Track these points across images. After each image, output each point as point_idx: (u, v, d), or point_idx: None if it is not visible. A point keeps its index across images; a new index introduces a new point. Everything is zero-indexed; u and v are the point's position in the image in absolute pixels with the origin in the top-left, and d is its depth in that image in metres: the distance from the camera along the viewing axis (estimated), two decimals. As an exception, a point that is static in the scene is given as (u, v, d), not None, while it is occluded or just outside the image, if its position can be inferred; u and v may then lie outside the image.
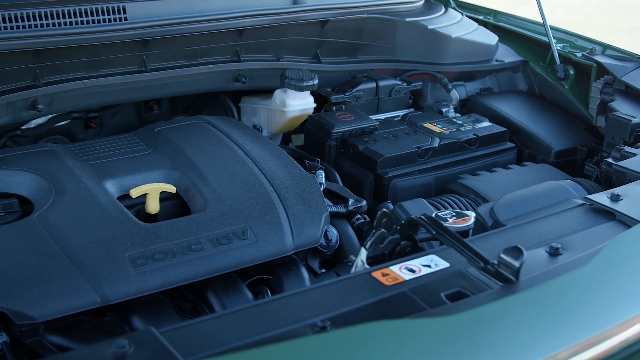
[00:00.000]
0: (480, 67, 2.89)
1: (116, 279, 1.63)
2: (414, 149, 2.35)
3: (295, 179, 2.00)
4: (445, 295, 1.41)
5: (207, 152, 2.07)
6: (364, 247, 1.56)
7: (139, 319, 1.68)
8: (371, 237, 1.55)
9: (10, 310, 1.53)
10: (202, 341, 1.27)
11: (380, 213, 1.55)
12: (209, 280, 1.75)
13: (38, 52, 2.18)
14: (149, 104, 2.74)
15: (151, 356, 1.20)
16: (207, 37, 2.44)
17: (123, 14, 2.28)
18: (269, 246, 1.80)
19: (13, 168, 1.93)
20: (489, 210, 1.84)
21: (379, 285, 1.44)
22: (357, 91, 2.63)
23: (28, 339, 1.61)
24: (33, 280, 1.59)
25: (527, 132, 2.61)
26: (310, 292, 1.44)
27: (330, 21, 2.64)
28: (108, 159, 2.03)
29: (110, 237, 1.71)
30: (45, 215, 1.77)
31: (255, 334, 1.29)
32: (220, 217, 1.83)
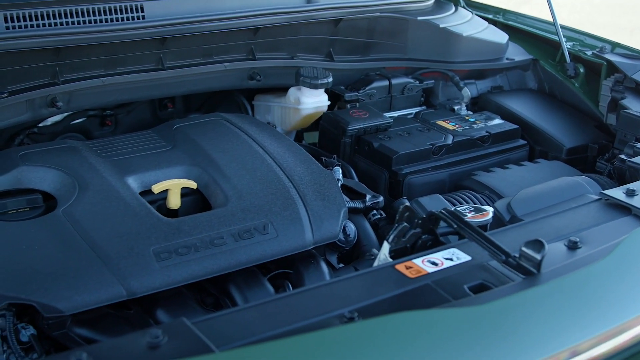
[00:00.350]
0: (491, 66, 2.92)
1: (141, 272, 1.66)
2: (428, 146, 2.38)
3: (313, 175, 2.03)
4: (468, 287, 1.43)
5: (226, 149, 2.10)
6: (386, 240, 1.59)
7: (164, 312, 1.71)
8: (393, 230, 1.58)
9: (39, 303, 1.56)
10: (232, 332, 1.30)
11: (402, 207, 1.58)
12: (231, 274, 1.78)
13: (58, 50, 2.21)
14: (163, 101, 2.76)
15: (185, 346, 1.23)
16: (223, 36, 2.46)
17: (141, 13, 2.31)
18: (289, 241, 1.83)
19: (36, 164, 1.96)
20: (506, 206, 1.87)
21: (403, 277, 1.47)
22: (370, 89, 2.66)
23: (55, 331, 1.64)
24: (60, 273, 1.61)
25: (539, 130, 2.63)
26: (336, 285, 1.47)
27: (344, 20, 2.67)
28: (128, 155, 2.06)
29: (134, 232, 1.74)
30: (70, 210, 1.79)
31: (284, 324, 1.32)
32: (241, 212, 1.85)
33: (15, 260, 1.63)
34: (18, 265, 1.62)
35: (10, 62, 2.17)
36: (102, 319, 1.68)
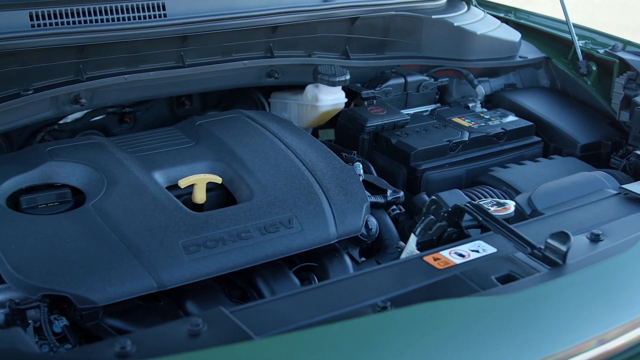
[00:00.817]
0: (504, 64, 2.95)
1: (171, 265, 1.69)
2: (445, 142, 2.41)
3: (335, 170, 2.06)
4: (496, 278, 1.47)
5: (249, 144, 2.13)
6: (413, 233, 1.62)
7: (193, 304, 1.74)
8: (420, 223, 1.62)
9: (73, 294, 1.59)
10: (269, 320, 1.33)
11: (429, 201, 1.61)
12: (257, 267, 1.81)
13: (82, 47, 2.24)
14: (180, 99, 2.79)
15: (224, 333, 1.27)
16: (242, 34, 2.50)
17: (163, 11, 2.34)
18: (313, 235, 1.86)
19: (64, 159, 1.99)
20: (527, 200, 1.91)
21: (431, 269, 1.50)
22: (386, 86, 2.70)
23: (88, 322, 1.67)
24: (93, 266, 1.64)
25: (553, 127, 2.67)
26: (367, 275, 1.50)
27: (360, 18, 2.71)
28: (153, 151, 2.09)
29: (163, 225, 1.77)
30: (100, 204, 1.83)
31: (319, 313, 1.35)
32: (266, 206, 1.89)
33: (48, 252, 1.66)
34: (51, 257, 1.65)
35: (35, 59, 2.20)
36: (133, 311, 1.71)
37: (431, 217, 1.62)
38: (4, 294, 1.71)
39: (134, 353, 1.20)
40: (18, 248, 1.66)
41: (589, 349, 1.33)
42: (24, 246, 1.67)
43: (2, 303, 1.70)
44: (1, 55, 2.14)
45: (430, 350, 1.27)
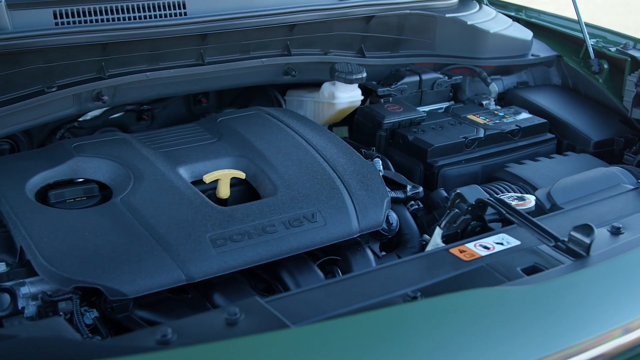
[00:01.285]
0: (517, 62, 2.98)
1: (199, 258, 1.72)
2: (461, 139, 2.45)
3: (356, 166, 2.09)
4: (522, 269, 1.50)
5: (271, 140, 2.17)
6: (438, 226, 1.66)
7: (220, 296, 1.77)
8: (445, 217, 1.65)
9: (105, 286, 1.63)
10: (303, 310, 1.36)
11: (454, 195, 1.65)
12: (282, 261, 1.84)
13: (104, 45, 2.28)
14: (197, 97, 2.83)
15: (261, 322, 1.30)
16: (260, 32, 2.53)
17: (183, 9, 2.38)
18: (337, 229, 1.89)
19: (90, 155, 2.03)
20: (546, 194, 1.94)
21: (458, 260, 1.54)
22: (401, 84, 2.73)
23: (119, 314, 1.70)
24: (123, 259, 1.68)
25: (566, 124, 2.70)
26: (396, 267, 1.54)
27: (375, 17, 2.74)
28: (177, 147, 2.12)
29: (190, 220, 1.81)
30: (128, 198, 1.86)
31: (351, 303, 1.39)
32: (290, 201, 1.92)
33: (79, 245, 1.70)
34: (83, 250, 1.69)
35: (59, 57, 2.24)
36: (163, 303, 1.74)
37: (456, 211, 1.65)
38: (36, 287, 1.74)
39: (175, 341, 1.23)
40: (50, 241, 1.70)
41: (614, 337, 1.37)
42: (56, 239, 1.71)
43: (34, 295, 1.73)
44: (26, 53, 2.17)
45: (461, 338, 1.30)
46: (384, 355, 1.25)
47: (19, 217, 1.76)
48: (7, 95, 2.20)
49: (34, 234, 1.71)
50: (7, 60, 2.16)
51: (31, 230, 1.72)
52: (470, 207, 1.68)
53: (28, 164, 1.99)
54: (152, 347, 1.21)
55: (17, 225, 1.75)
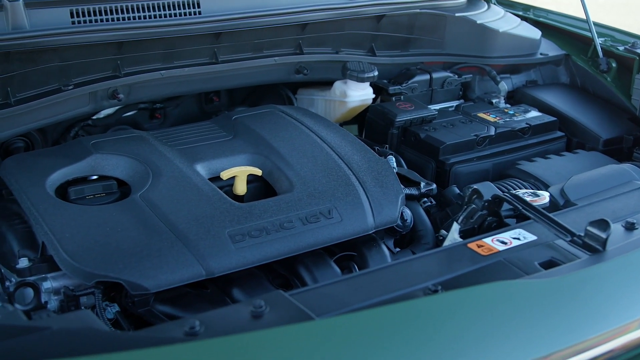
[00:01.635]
0: (525, 61, 3.01)
1: (218, 253, 1.74)
2: (473, 136, 2.47)
3: (370, 163, 2.12)
4: (539, 264, 1.53)
5: (286, 138, 2.19)
6: (456, 221, 1.68)
7: (239, 291, 1.79)
8: (462, 212, 1.67)
9: (127, 281, 1.65)
10: (326, 303, 1.39)
11: (471, 191, 1.67)
12: (299, 256, 1.86)
13: (120, 44, 2.30)
14: (209, 95, 2.85)
15: (286, 315, 1.32)
16: (273, 31, 2.55)
17: (197, 8, 2.40)
18: (352, 225, 1.92)
19: (108, 152, 2.05)
20: (560, 191, 1.97)
21: (476, 255, 1.56)
22: (412, 82, 2.75)
23: (140, 308, 1.73)
24: (144, 254, 1.70)
25: (575, 122, 2.73)
26: (415, 261, 1.56)
27: (386, 16, 2.77)
28: (193, 144, 2.15)
29: (209, 215, 1.83)
30: (147, 195, 1.88)
31: (373, 296, 1.41)
32: (307, 197, 1.94)
33: (101, 241, 1.72)
34: (104, 245, 1.71)
35: (75, 55, 2.26)
36: (183, 297, 1.76)
37: (473, 206, 1.68)
38: (58, 281, 1.77)
39: (203, 332, 1.26)
40: (72, 236, 1.72)
41: (632, 330, 1.39)
42: (77, 235, 1.73)
43: (56, 290, 1.76)
44: (43, 52, 2.20)
45: (482, 330, 1.33)
46: (406, 347, 1.27)
47: (41, 213, 1.78)
48: (24, 93, 2.22)
49: (56, 229, 1.73)
50: (25, 58, 2.18)
51: (53, 226, 1.74)
52: (487, 202, 1.70)
53: (47, 161, 2.01)
54: (180, 339, 1.23)
55: (38, 221, 1.77)
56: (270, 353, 1.22)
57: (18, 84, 2.20)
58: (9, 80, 2.18)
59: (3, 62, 2.14)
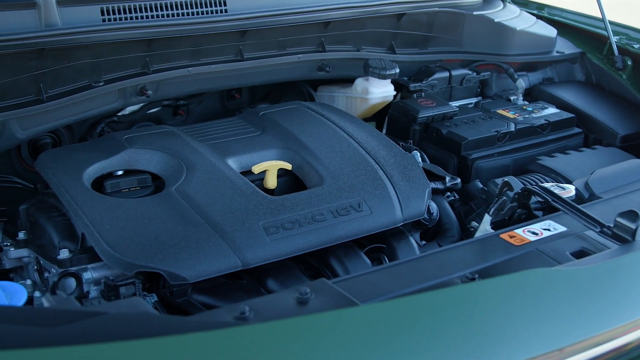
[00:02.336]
0: (542, 58, 3.05)
1: (253, 245, 1.79)
2: (493, 132, 2.52)
3: (396, 158, 2.16)
4: (570, 253, 1.57)
5: (313, 133, 2.23)
6: (487, 213, 1.72)
7: (273, 282, 1.84)
8: (494, 204, 1.72)
9: (166, 271, 1.69)
10: (368, 290, 1.43)
11: (502, 183, 1.72)
12: (330, 248, 1.91)
13: (149, 41, 2.34)
14: (231, 92, 2.89)
15: (331, 301, 1.37)
16: (297, 29, 2.60)
17: (224, 6, 2.44)
18: (382, 218, 1.96)
19: (142, 147, 2.09)
20: (584, 184, 2.01)
21: (509, 245, 1.61)
22: (432, 80, 2.80)
23: (178, 298, 1.77)
24: (182, 245, 1.74)
25: (593, 119, 2.77)
26: (450, 251, 1.61)
27: (406, 14, 2.81)
28: (223, 139, 2.19)
29: (243, 208, 1.87)
30: (182, 188, 1.93)
31: (412, 284, 1.45)
32: (337, 191, 1.99)
33: (140, 232, 1.76)
34: (143, 237, 1.75)
35: (106, 52, 2.30)
36: (219, 288, 1.81)
37: (504, 198, 1.72)
38: (98, 272, 1.81)
39: (252, 318, 1.30)
40: (112, 228, 1.76)
41: (664, 316, 1.43)
42: (117, 226, 1.77)
43: (96, 280, 1.80)
44: (75, 49, 2.24)
45: (519, 316, 1.37)
46: (447, 332, 1.31)
47: (80, 206, 1.83)
48: (56, 89, 2.26)
49: (96, 221, 1.78)
50: (57, 55, 2.22)
51: (93, 218, 1.79)
52: (517, 195, 1.75)
53: (83, 156, 2.06)
54: (231, 323, 1.28)
55: (78, 214, 1.81)
56: (318, 337, 1.27)
57: (50, 80, 2.24)
58: (42, 77, 2.22)
59: (36, 59, 2.18)
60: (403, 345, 1.27)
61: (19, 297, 1.47)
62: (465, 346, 1.30)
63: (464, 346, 1.29)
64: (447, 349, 1.29)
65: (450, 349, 1.29)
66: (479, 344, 1.32)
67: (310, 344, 1.25)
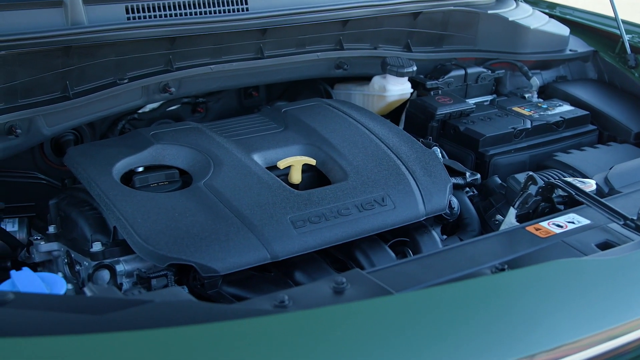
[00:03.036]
0: (555, 57, 3.09)
1: (282, 238, 1.83)
2: (510, 129, 2.56)
3: (418, 153, 2.20)
4: (596, 245, 1.61)
5: (336, 129, 2.27)
6: (512, 206, 1.76)
7: (301, 274, 1.88)
8: (519, 198, 1.76)
9: (198, 264, 1.73)
10: (401, 280, 1.47)
11: (526, 177, 1.75)
12: (356, 242, 1.95)
13: (173, 39, 2.38)
14: (248, 90, 2.93)
15: (366, 290, 1.40)
16: (316, 27, 2.64)
17: (245, 5, 2.48)
18: (405, 212, 2.00)
19: (169, 143, 2.13)
20: (604, 179, 2.05)
21: (535, 237, 1.65)
22: (448, 78, 2.84)
23: (209, 290, 1.81)
24: (213, 238, 1.78)
25: (606, 116, 2.81)
26: (478, 243, 1.65)
27: (423, 13, 2.85)
28: (247, 135, 2.23)
29: (270, 202, 1.91)
30: (211, 182, 1.96)
31: (444, 274, 1.49)
32: (361, 185, 2.03)
33: (171, 225, 1.80)
34: (175, 230, 1.79)
35: (130, 50, 2.34)
36: (249, 280, 1.85)
37: (529, 192, 1.76)
38: (130, 264, 1.85)
39: (291, 306, 1.34)
40: (144, 221, 1.80)
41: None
42: (149, 220, 1.81)
43: (128, 273, 1.84)
44: (100, 47, 2.28)
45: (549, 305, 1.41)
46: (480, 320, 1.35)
47: (112, 200, 1.86)
48: (82, 86, 2.30)
49: (128, 215, 1.82)
50: (83, 53, 2.26)
51: (125, 212, 1.82)
52: (541, 188, 1.78)
53: (111, 151, 2.09)
54: (273, 311, 1.31)
55: (110, 208, 1.85)
56: (355, 324, 1.31)
57: (76, 78, 2.28)
58: (68, 74, 2.26)
59: (63, 57, 2.22)
60: (437, 333, 1.31)
61: (59, 288, 1.51)
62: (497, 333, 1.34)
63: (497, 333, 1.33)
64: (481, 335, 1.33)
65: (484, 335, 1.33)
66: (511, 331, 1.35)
67: (348, 331, 1.29)
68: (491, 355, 1.28)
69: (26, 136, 2.22)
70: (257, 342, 1.24)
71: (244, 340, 1.23)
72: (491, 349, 1.29)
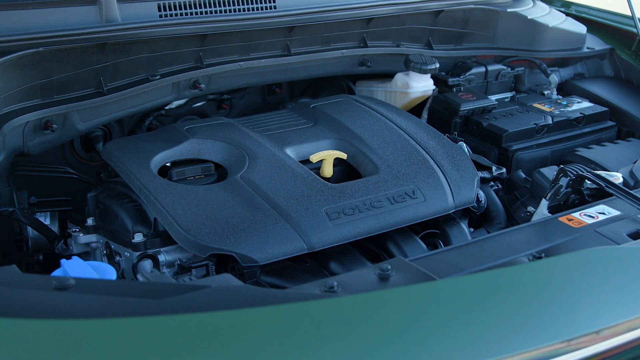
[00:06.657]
0: (573, 54, 3.14)
1: (318, 229, 1.88)
2: (532, 125, 2.61)
3: (445, 148, 2.25)
4: (627, 234, 1.66)
5: (364, 124, 2.32)
6: (544, 198, 1.81)
7: (337, 265, 1.93)
8: (550, 190, 1.81)
9: (238, 254, 1.78)
10: (443, 267, 1.52)
11: (558, 170, 1.80)
12: (388, 233, 2.00)
13: (203, 36, 2.43)
14: (271, 87, 2.99)
15: (410, 277, 1.45)
16: (341, 25, 2.69)
17: (273, 3, 2.54)
18: (435, 204, 2.05)
19: (204, 137, 2.18)
20: (629, 172, 2.10)
21: (568, 227, 1.70)
22: (469, 75, 2.89)
23: (248, 279, 1.86)
24: (251, 229, 1.83)
25: (625, 112, 2.86)
26: (513, 233, 1.70)
27: (444, 11, 2.90)
28: (278, 130, 2.28)
29: (305, 195, 1.96)
30: (247, 175, 2.01)
31: (484, 262, 1.54)
32: (392, 179, 2.08)
33: (211, 217, 1.85)
34: (215, 221, 1.84)
35: (162, 47, 2.39)
36: (286, 270, 1.90)
37: (559, 184, 1.81)
38: (171, 255, 1.90)
39: (340, 291, 1.39)
40: (184, 213, 1.85)
41: None
42: (189, 211, 1.86)
43: (169, 263, 1.89)
44: (133, 43, 2.33)
45: (587, 290, 1.46)
46: (520, 305, 1.40)
47: (152, 192, 1.91)
48: (115, 82, 2.35)
49: (169, 206, 1.87)
50: (117, 49, 2.31)
51: (166, 204, 1.87)
52: (571, 181, 1.83)
53: (147, 145, 2.14)
54: (323, 295, 1.37)
55: (150, 200, 1.90)
56: (402, 308, 1.36)
57: (110, 74, 2.33)
58: (103, 70, 2.31)
59: (97, 53, 2.27)
60: (480, 318, 1.36)
61: (110, 276, 1.56)
62: (537, 317, 1.39)
63: (539, 317, 1.38)
64: (522, 320, 1.38)
65: (525, 320, 1.38)
66: (550, 316, 1.40)
67: (395, 314, 1.34)
68: (534, 338, 1.33)
69: (61, 131, 2.27)
70: (309, 325, 1.29)
71: (297, 323, 1.28)
72: (534, 332, 1.33)
